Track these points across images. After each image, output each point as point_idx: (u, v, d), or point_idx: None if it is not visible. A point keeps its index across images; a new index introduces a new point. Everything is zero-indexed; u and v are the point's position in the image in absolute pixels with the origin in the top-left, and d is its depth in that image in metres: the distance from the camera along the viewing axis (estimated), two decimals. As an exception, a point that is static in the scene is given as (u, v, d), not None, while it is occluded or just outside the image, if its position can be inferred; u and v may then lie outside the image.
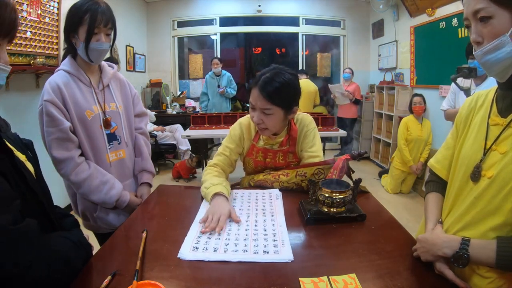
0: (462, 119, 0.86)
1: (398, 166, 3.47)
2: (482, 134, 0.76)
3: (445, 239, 0.73)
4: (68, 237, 0.71)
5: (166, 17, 5.28)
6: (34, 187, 0.67)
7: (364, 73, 5.31)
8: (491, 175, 0.70)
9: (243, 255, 0.77)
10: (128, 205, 1.22)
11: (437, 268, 0.72)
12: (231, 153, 1.29)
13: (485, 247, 0.67)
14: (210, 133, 3.40)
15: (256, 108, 1.13)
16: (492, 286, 0.69)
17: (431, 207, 0.88)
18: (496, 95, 0.77)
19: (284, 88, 1.09)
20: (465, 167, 0.78)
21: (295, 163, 1.29)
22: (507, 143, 0.70)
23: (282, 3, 5.26)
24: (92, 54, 1.11)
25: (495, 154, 0.71)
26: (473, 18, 0.68)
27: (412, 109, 3.40)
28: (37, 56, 2.41)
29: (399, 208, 3.14)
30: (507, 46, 0.63)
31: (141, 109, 1.40)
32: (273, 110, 1.11)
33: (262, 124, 1.15)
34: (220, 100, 4.53)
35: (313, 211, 0.97)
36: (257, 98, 1.11)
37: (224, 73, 4.50)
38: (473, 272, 0.72)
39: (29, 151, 0.78)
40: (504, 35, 0.63)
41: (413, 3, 3.93)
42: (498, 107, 0.76)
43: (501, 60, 0.65)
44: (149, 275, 0.70)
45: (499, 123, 0.73)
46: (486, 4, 0.64)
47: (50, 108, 1.04)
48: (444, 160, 0.90)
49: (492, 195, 0.69)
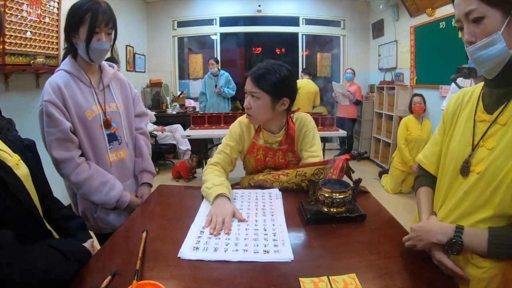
0: (449, 115, 0.89)
1: (398, 166, 3.47)
2: (469, 130, 0.79)
3: (439, 226, 0.76)
4: (58, 247, 0.68)
5: (166, 17, 5.28)
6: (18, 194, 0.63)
7: (364, 73, 5.31)
8: (479, 170, 0.73)
9: (243, 255, 0.77)
10: (129, 205, 1.22)
11: (436, 257, 0.74)
12: (231, 151, 1.29)
13: (478, 235, 0.70)
14: (210, 133, 3.40)
15: (248, 94, 1.20)
16: (487, 275, 0.71)
17: (423, 200, 0.91)
18: (482, 93, 0.80)
19: (271, 74, 1.16)
20: (454, 162, 0.81)
21: (294, 162, 1.30)
22: (494, 139, 0.73)
23: (282, 3, 5.26)
24: (93, 54, 1.10)
25: (483, 150, 0.74)
26: (465, 19, 0.70)
27: (412, 109, 3.40)
28: (37, 56, 2.41)
29: (399, 208, 3.14)
30: (499, 44, 0.66)
31: (141, 109, 1.40)
32: (259, 94, 1.17)
33: (250, 110, 1.20)
34: (218, 100, 4.53)
35: (313, 211, 0.97)
36: (249, 83, 1.19)
37: (222, 73, 4.49)
38: (468, 262, 0.74)
39: (30, 152, 0.77)
40: (496, 33, 0.66)
41: (413, 3, 3.93)
42: (484, 104, 0.79)
43: (492, 57, 0.68)
44: (149, 275, 0.70)
45: (486, 119, 0.76)
46: (477, 5, 0.66)
47: (50, 108, 1.04)
48: (432, 156, 0.93)
49: (481, 190, 0.72)
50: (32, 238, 0.65)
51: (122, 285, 0.65)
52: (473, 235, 0.71)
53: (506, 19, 0.66)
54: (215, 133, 3.43)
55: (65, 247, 0.70)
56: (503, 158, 0.70)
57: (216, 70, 4.42)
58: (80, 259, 0.73)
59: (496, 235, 0.69)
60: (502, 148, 0.71)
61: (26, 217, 0.66)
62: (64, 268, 0.67)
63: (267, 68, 1.17)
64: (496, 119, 0.74)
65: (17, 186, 0.65)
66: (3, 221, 0.59)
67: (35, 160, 0.78)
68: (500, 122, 0.73)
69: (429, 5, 3.63)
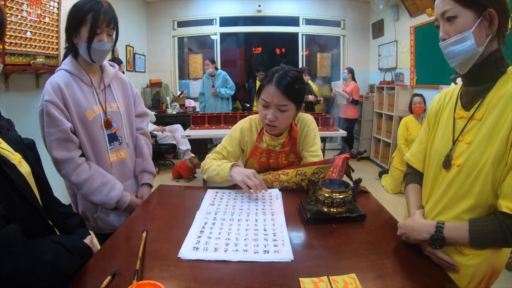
0: (433, 114, 0.95)
1: (398, 166, 3.47)
2: (449, 127, 0.85)
3: (422, 224, 0.81)
4: (61, 242, 0.69)
5: (166, 17, 5.28)
6: (23, 191, 0.65)
7: (364, 73, 5.31)
8: (459, 163, 0.79)
9: (243, 255, 0.77)
10: (129, 206, 1.22)
11: (427, 250, 0.79)
12: (228, 155, 1.30)
13: (459, 228, 0.76)
14: (210, 133, 3.40)
15: (271, 105, 1.13)
16: (473, 262, 0.79)
17: (411, 196, 0.97)
18: (460, 92, 0.87)
19: (297, 83, 1.13)
20: (437, 158, 0.87)
21: (297, 162, 1.30)
22: (471, 133, 0.79)
23: (282, 3, 5.26)
24: (94, 54, 1.10)
25: (462, 145, 0.80)
26: (441, 19, 0.78)
27: (412, 109, 3.40)
28: (37, 56, 2.41)
29: (399, 208, 3.13)
30: (469, 41, 0.74)
31: (142, 109, 1.40)
32: (289, 106, 1.13)
33: (275, 122, 1.15)
34: (216, 100, 4.50)
35: (313, 211, 0.97)
36: (274, 95, 1.11)
37: (220, 73, 4.45)
38: (456, 250, 0.80)
39: (30, 150, 0.77)
40: (467, 31, 0.73)
41: (413, 3, 3.93)
42: (462, 102, 0.85)
43: (461, 52, 0.75)
44: (149, 275, 0.70)
45: (464, 116, 0.82)
46: (452, 5, 0.74)
47: (50, 109, 1.04)
48: (419, 153, 0.99)
49: (461, 181, 0.78)
50: (36, 233, 0.66)
51: (122, 285, 0.65)
52: (453, 228, 0.76)
53: (477, 20, 0.73)
54: (215, 133, 3.43)
55: (68, 242, 0.71)
56: (479, 151, 0.75)
57: (213, 70, 4.38)
58: (83, 255, 0.74)
59: (475, 225, 0.74)
60: (478, 141, 0.76)
61: (30, 213, 0.67)
62: (69, 263, 0.69)
63: (292, 78, 1.11)
64: (473, 115, 0.79)
65: (22, 183, 0.66)
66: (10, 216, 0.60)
67: (35, 159, 0.78)
68: (477, 117, 0.79)
69: (429, 5, 3.63)
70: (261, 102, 1.16)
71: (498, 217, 0.72)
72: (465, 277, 0.79)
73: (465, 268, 0.79)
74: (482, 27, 0.73)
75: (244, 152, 1.33)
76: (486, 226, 0.73)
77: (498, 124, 0.73)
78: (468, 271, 0.79)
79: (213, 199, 1.12)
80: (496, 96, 0.75)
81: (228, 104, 4.67)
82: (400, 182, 3.53)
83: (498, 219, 0.72)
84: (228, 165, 1.17)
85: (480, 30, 0.73)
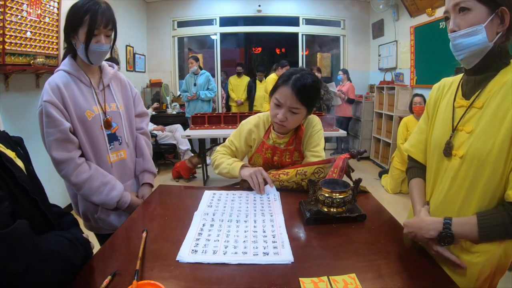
0: (432, 104, 0.94)
1: (398, 166, 3.46)
2: (448, 116, 0.84)
3: (429, 221, 0.79)
4: (64, 235, 0.71)
5: (166, 17, 5.28)
6: (24, 184, 0.66)
7: (364, 73, 5.32)
8: (461, 154, 0.77)
9: (242, 257, 0.77)
10: (129, 206, 1.22)
11: (433, 249, 0.78)
12: (236, 150, 1.35)
13: (467, 223, 0.74)
14: (210, 133, 3.40)
15: (283, 106, 1.15)
16: (480, 259, 0.77)
17: (416, 191, 0.95)
18: (462, 81, 0.86)
19: (313, 90, 1.15)
20: (438, 148, 0.86)
21: (300, 161, 1.32)
22: (472, 122, 0.77)
23: (282, 3, 5.26)
24: (92, 55, 1.10)
25: (463, 134, 0.79)
26: (453, 10, 0.77)
27: (413, 109, 3.40)
28: (37, 56, 2.41)
29: (399, 208, 3.14)
30: (480, 35, 0.73)
31: (142, 109, 1.40)
32: (300, 110, 1.15)
33: (285, 122, 1.18)
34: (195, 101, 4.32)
35: (313, 211, 0.97)
36: (288, 97, 1.13)
37: (203, 72, 4.31)
38: (462, 249, 0.79)
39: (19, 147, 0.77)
40: (480, 25, 0.72)
41: (413, 3, 3.93)
42: (463, 90, 0.84)
43: (472, 44, 0.74)
44: (149, 275, 0.70)
45: (463, 105, 0.81)
46: None
47: (49, 109, 1.04)
48: (419, 144, 0.97)
49: (465, 173, 0.77)
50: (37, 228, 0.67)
51: (122, 285, 0.65)
52: (461, 224, 0.74)
53: (491, 16, 0.72)
54: (215, 133, 3.43)
55: (70, 235, 0.73)
56: (482, 140, 0.74)
57: (196, 69, 4.26)
58: (86, 247, 0.76)
59: (484, 218, 0.72)
60: (480, 130, 0.75)
61: (32, 208, 0.68)
62: (75, 254, 0.70)
63: (310, 84, 1.13)
64: (472, 103, 0.78)
65: (22, 175, 0.67)
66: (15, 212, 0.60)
67: (26, 156, 0.79)
68: (477, 105, 0.77)
69: (429, 5, 3.63)
70: (274, 100, 1.18)
71: (506, 208, 0.70)
72: (472, 275, 0.78)
73: (472, 266, 0.77)
74: (493, 23, 0.73)
75: (250, 149, 1.37)
76: (495, 219, 0.71)
77: (500, 112, 0.72)
78: (475, 269, 0.78)
79: (210, 200, 1.12)
80: (498, 84, 0.75)
81: (208, 106, 4.46)
82: (400, 182, 3.53)
83: (506, 210, 0.70)
84: (239, 164, 1.24)
85: (492, 26, 0.73)
